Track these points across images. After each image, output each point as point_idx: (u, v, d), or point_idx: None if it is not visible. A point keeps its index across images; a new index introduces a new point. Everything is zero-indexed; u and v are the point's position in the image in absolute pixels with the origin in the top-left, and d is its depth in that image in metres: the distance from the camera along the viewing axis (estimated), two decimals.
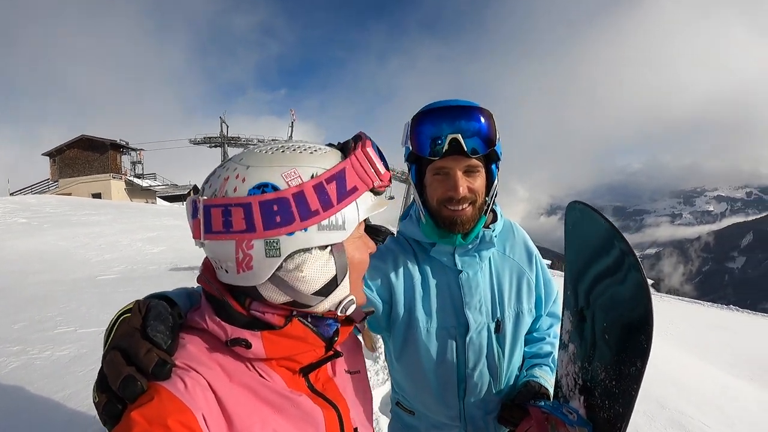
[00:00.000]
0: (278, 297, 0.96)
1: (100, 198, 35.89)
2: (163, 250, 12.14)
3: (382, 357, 5.40)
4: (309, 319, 1.02)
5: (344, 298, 1.03)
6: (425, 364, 1.69)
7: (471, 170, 1.55)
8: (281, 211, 0.87)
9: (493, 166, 1.61)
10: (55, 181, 41.38)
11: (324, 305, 1.01)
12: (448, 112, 1.53)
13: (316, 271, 0.95)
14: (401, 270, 1.71)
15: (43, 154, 42.50)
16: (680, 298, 21.80)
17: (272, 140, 49.06)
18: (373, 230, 5.20)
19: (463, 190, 1.53)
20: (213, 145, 49.52)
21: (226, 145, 49.06)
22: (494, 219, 1.75)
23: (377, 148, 1.03)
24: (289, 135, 50.03)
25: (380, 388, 4.88)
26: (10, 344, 4.93)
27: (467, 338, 1.67)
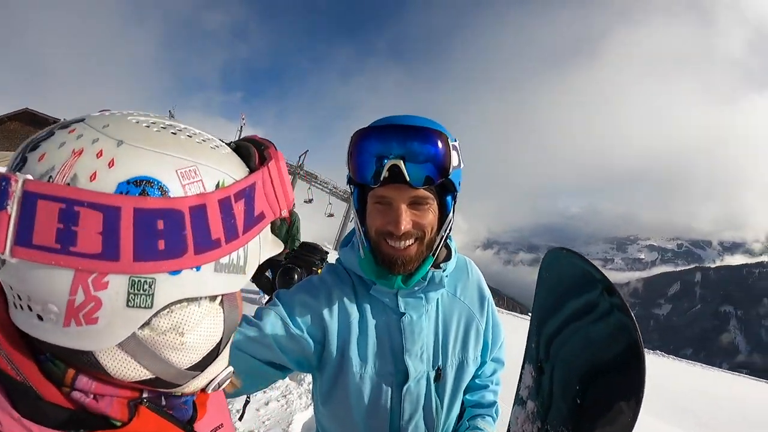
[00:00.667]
0: (130, 372, 0.60)
1: None
2: None
3: (307, 379, 5.36)
4: (163, 403, 0.68)
5: (221, 372, 0.72)
6: (355, 412, 1.47)
7: (418, 202, 1.31)
8: (169, 231, 0.53)
9: (448, 198, 1.37)
10: None
11: (195, 384, 0.68)
12: (393, 131, 1.28)
13: (201, 334, 0.64)
14: (336, 306, 1.46)
15: None
16: None
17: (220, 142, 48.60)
18: (310, 248, 5.12)
19: (405, 225, 1.28)
20: None
21: None
22: (447, 256, 1.52)
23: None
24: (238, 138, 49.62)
25: (303, 412, 4.76)
26: None
27: (404, 387, 1.45)
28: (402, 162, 1.21)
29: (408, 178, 1.22)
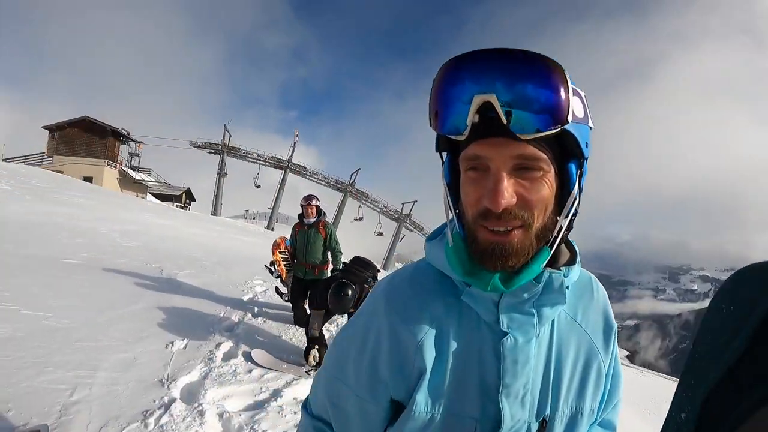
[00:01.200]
0: None
1: (91, 182, 35.78)
2: (137, 246, 11.76)
3: None
4: None
5: None
6: None
7: (527, 166, 0.86)
8: None
9: (571, 166, 0.91)
10: (49, 157, 41.57)
11: None
12: (488, 58, 0.81)
13: None
14: (405, 328, 1.00)
15: (43, 127, 42.78)
16: (655, 372, 21.59)
17: (272, 157, 49.31)
18: (362, 263, 5.48)
19: (507, 198, 0.84)
20: (212, 151, 49.82)
21: (225, 154, 49.05)
22: (571, 260, 1.04)
23: None
24: (290, 155, 50.03)
25: None
26: None
27: None
28: (495, 98, 0.79)
29: (505, 120, 0.80)
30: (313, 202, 7.08)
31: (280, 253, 7.56)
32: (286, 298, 7.63)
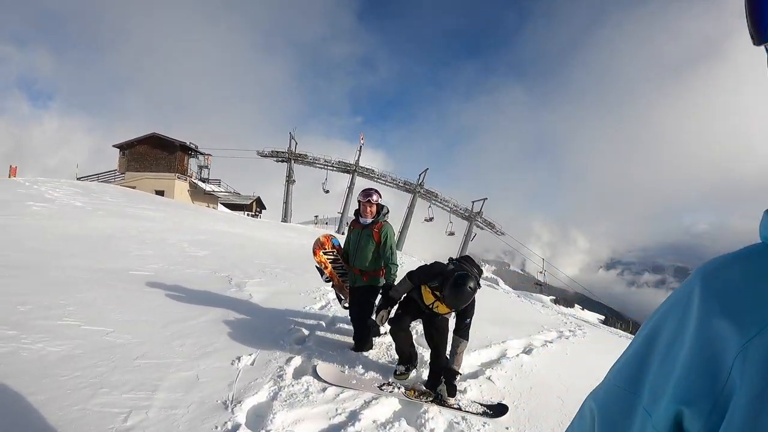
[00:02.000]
0: None
1: (162, 196, 36.92)
2: (207, 255, 11.83)
3: None
4: None
5: None
6: None
7: None
8: None
9: None
10: (121, 173, 43.46)
11: None
12: None
13: None
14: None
15: (113, 146, 44.51)
16: None
17: (339, 162, 49.83)
18: (470, 261, 4.61)
19: None
20: (280, 159, 50.52)
21: (293, 161, 49.66)
22: None
23: None
24: (357, 159, 50.24)
25: None
26: (6, 327, 4.80)
27: None
28: None
29: None
30: (374, 199, 5.82)
31: (324, 253, 6.22)
32: (346, 305, 6.55)
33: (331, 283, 6.28)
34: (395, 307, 5.28)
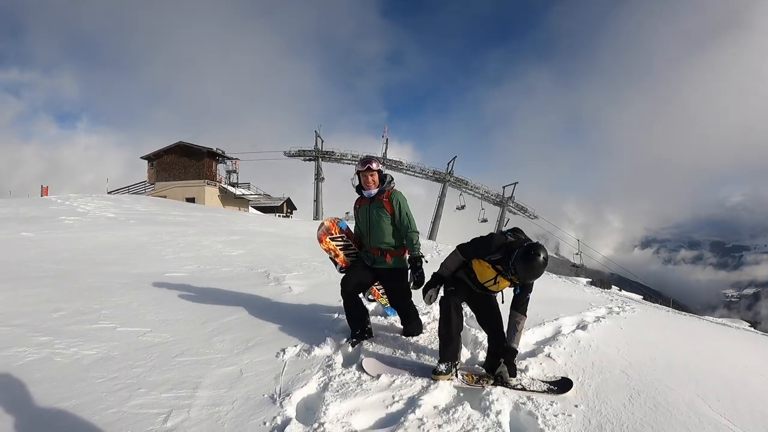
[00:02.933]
0: None
1: (193, 202, 37.18)
2: (241, 254, 11.79)
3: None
4: None
5: None
6: None
7: None
8: None
9: None
10: (151, 184, 44.02)
11: None
12: None
13: None
14: None
15: (141, 158, 45.17)
16: None
17: (366, 155, 49.79)
18: (520, 233, 4.19)
19: None
20: (307, 158, 50.60)
21: (320, 159, 49.69)
22: None
23: None
24: (384, 152, 50.07)
25: None
26: (39, 333, 4.79)
27: None
28: None
29: None
30: (374, 166, 5.10)
31: (332, 239, 5.41)
32: (370, 297, 6.20)
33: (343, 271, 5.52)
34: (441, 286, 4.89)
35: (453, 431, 3.52)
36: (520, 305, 4.48)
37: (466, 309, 5.49)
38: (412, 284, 5.11)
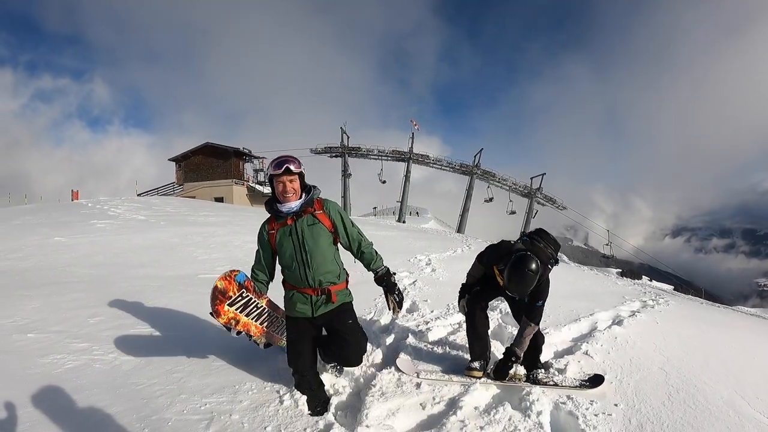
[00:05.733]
0: None
1: (222, 202, 37.45)
2: None
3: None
4: None
5: None
6: None
7: None
8: None
9: None
10: (180, 185, 44.21)
11: None
12: None
13: None
14: None
15: (169, 160, 45.59)
16: None
17: (392, 151, 49.62)
18: (543, 235, 3.66)
19: None
20: (333, 154, 50.63)
21: (347, 155, 49.72)
22: None
23: None
24: (410, 146, 49.85)
25: None
26: (78, 340, 4.80)
27: None
28: None
29: None
30: (293, 168, 3.69)
31: (231, 305, 3.83)
32: (245, 335, 4.24)
33: (250, 338, 4.09)
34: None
35: None
36: (530, 312, 4.30)
37: (504, 305, 5.41)
38: (394, 308, 4.13)
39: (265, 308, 4.17)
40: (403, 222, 44.69)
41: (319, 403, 3.79)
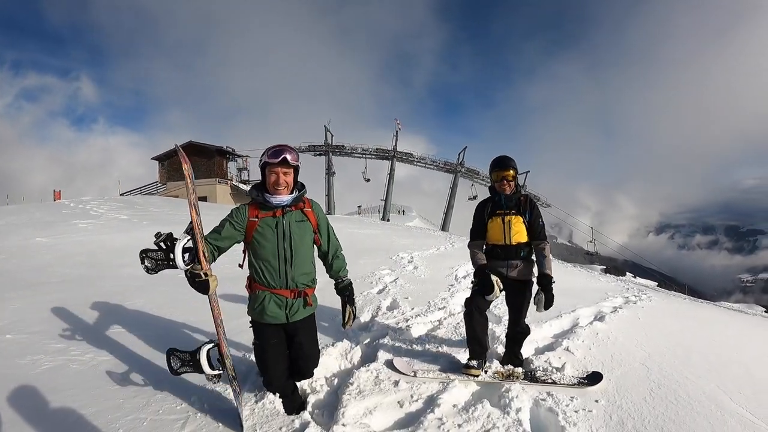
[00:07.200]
0: None
1: (205, 201, 37.26)
2: None
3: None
4: None
5: None
6: None
7: None
8: None
9: None
10: (163, 184, 44.02)
11: None
12: None
13: None
14: None
15: (152, 159, 45.20)
16: None
17: (377, 149, 49.55)
18: None
19: None
20: (317, 153, 50.42)
21: (331, 153, 49.59)
22: None
23: None
24: (394, 144, 49.81)
25: None
26: (55, 340, 4.79)
27: None
28: None
29: None
30: (291, 159, 3.41)
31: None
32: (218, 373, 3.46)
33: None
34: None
35: (473, 430, 3.49)
36: (537, 233, 4.55)
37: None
38: (349, 320, 3.83)
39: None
40: (388, 220, 44.71)
41: (294, 406, 3.65)
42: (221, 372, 3.39)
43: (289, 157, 3.37)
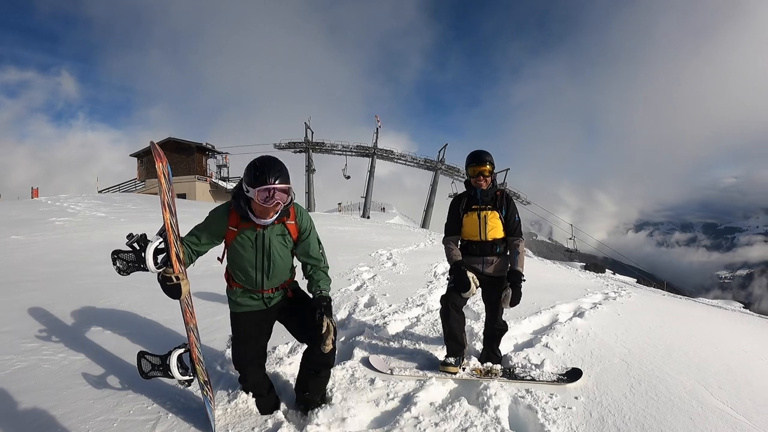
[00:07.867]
0: None
1: (185, 198, 36.97)
2: None
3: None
4: None
5: None
6: None
7: None
8: None
9: None
10: (141, 181, 43.69)
11: None
12: None
13: None
14: None
15: (131, 155, 44.78)
16: None
17: (357, 146, 49.47)
18: None
19: None
20: (298, 150, 50.10)
21: (311, 150, 49.35)
22: None
23: None
24: (375, 141, 49.67)
25: None
26: (26, 340, 4.72)
27: None
28: None
29: None
30: (282, 200, 3.10)
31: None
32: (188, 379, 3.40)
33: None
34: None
35: (450, 429, 3.48)
36: (512, 229, 4.52)
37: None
38: (327, 334, 3.24)
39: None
40: (368, 217, 44.65)
41: (269, 406, 3.58)
42: (192, 378, 3.33)
43: (280, 199, 3.06)
